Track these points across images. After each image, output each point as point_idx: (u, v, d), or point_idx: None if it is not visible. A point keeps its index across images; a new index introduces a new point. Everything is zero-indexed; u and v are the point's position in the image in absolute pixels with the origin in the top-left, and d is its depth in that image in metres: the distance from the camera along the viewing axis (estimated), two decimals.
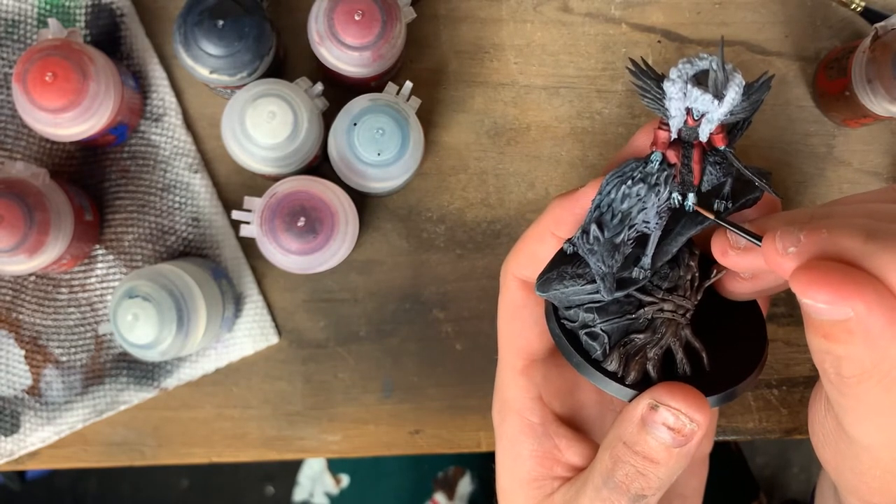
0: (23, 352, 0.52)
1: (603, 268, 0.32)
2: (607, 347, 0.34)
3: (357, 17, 0.45)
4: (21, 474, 1.05)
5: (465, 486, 0.77)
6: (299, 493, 0.87)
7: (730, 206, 0.32)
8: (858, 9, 0.53)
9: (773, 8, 0.54)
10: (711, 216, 0.32)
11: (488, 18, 0.54)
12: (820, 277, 0.24)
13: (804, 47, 0.54)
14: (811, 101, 0.54)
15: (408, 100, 0.48)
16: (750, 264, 0.32)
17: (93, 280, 0.53)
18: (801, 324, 0.54)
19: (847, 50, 0.51)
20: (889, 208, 0.28)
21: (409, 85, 0.49)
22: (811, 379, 0.54)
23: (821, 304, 0.25)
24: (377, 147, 0.46)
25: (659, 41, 0.54)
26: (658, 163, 0.31)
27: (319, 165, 0.51)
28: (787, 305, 0.55)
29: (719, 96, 0.29)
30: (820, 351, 0.26)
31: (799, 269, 0.25)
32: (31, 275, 0.52)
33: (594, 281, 0.32)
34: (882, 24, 0.47)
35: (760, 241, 0.29)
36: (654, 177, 0.31)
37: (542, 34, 0.54)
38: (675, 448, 0.32)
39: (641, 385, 0.33)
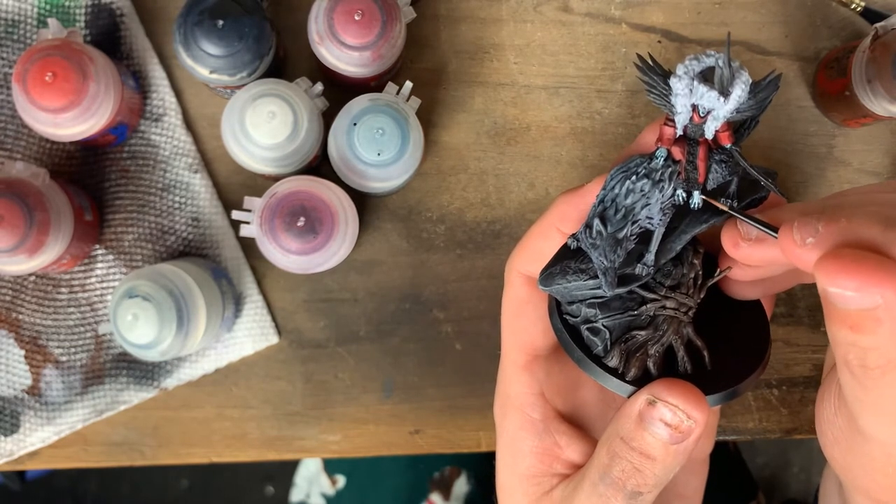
0: (23, 352, 0.52)
1: (605, 262, 0.32)
2: (608, 343, 0.34)
3: (357, 17, 0.45)
4: (21, 474, 1.05)
5: (462, 486, 0.77)
6: (296, 495, 0.87)
7: (735, 205, 0.32)
8: (858, 9, 0.53)
9: (773, 8, 0.54)
10: (724, 207, 0.32)
11: (488, 18, 0.54)
12: (848, 265, 0.24)
13: (804, 47, 0.54)
14: (811, 101, 0.54)
15: (408, 100, 0.48)
16: (762, 256, 0.31)
17: (93, 280, 0.53)
18: (800, 324, 0.54)
19: (847, 50, 0.51)
20: None
21: (409, 85, 0.49)
22: (811, 379, 0.55)
23: (849, 291, 0.24)
24: (377, 147, 0.46)
25: (659, 41, 0.54)
26: (663, 159, 0.31)
27: (319, 165, 0.51)
28: (787, 305, 0.55)
29: (725, 93, 0.29)
30: (845, 343, 0.26)
31: (825, 256, 0.25)
32: (31, 275, 0.52)
33: (597, 276, 0.32)
34: (882, 24, 0.47)
35: (776, 232, 0.28)
36: (659, 173, 0.31)
37: (542, 34, 0.54)
38: (672, 445, 0.32)
39: (641, 382, 0.33)
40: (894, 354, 0.25)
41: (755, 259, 0.32)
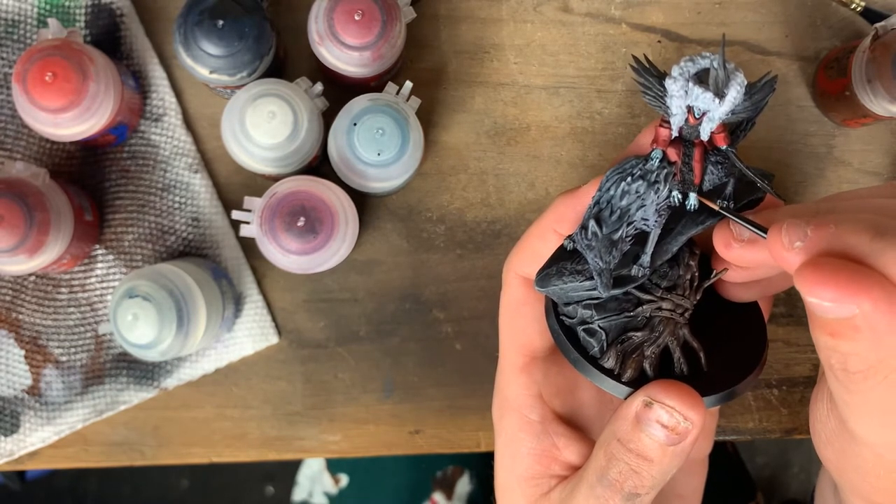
0: (23, 352, 0.52)
1: (600, 264, 0.32)
2: (605, 344, 0.34)
3: (357, 17, 0.45)
4: (21, 474, 1.05)
5: (464, 485, 0.77)
6: (298, 493, 0.87)
7: (732, 206, 0.32)
8: (858, 9, 0.53)
9: (773, 8, 0.54)
10: (716, 206, 0.32)
11: (488, 18, 0.54)
12: (825, 275, 0.24)
13: (804, 47, 0.54)
14: (811, 101, 0.54)
15: (408, 100, 0.48)
16: (753, 258, 0.31)
17: (93, 280, 0.53)
18: (800, 324, 0.54)
19: (847, 50, 0.51)
20: (894, 204, 0.28)
21: (409, 85, 0.49)
22: (811, 379, 0.55)
23: (826, 302, 0.24)
24: (377, 147, 0.46)
25: (659, 41, 0.54)
26: (658, 160, 0.31)
27: (319, 165, 0.51)
28: (786, 305, 0.55)
29: (720, 95, 0.29)
30: (826, 348, 0.26)
31: (804, 266, 0.25)
32: (31, 275, 0.52)
33: (593, 277, 0.32)
34: (882, 24, 0.47)
35: (766, 233, 0.28)
36: (654, 174, 0.31)
37: (542, 34, 0.54)
38: (669, 446, 0.32)
39: (638, 383, 0.33)
40: (874, 359, 0.25)
41: (747, 260, 0.32)
